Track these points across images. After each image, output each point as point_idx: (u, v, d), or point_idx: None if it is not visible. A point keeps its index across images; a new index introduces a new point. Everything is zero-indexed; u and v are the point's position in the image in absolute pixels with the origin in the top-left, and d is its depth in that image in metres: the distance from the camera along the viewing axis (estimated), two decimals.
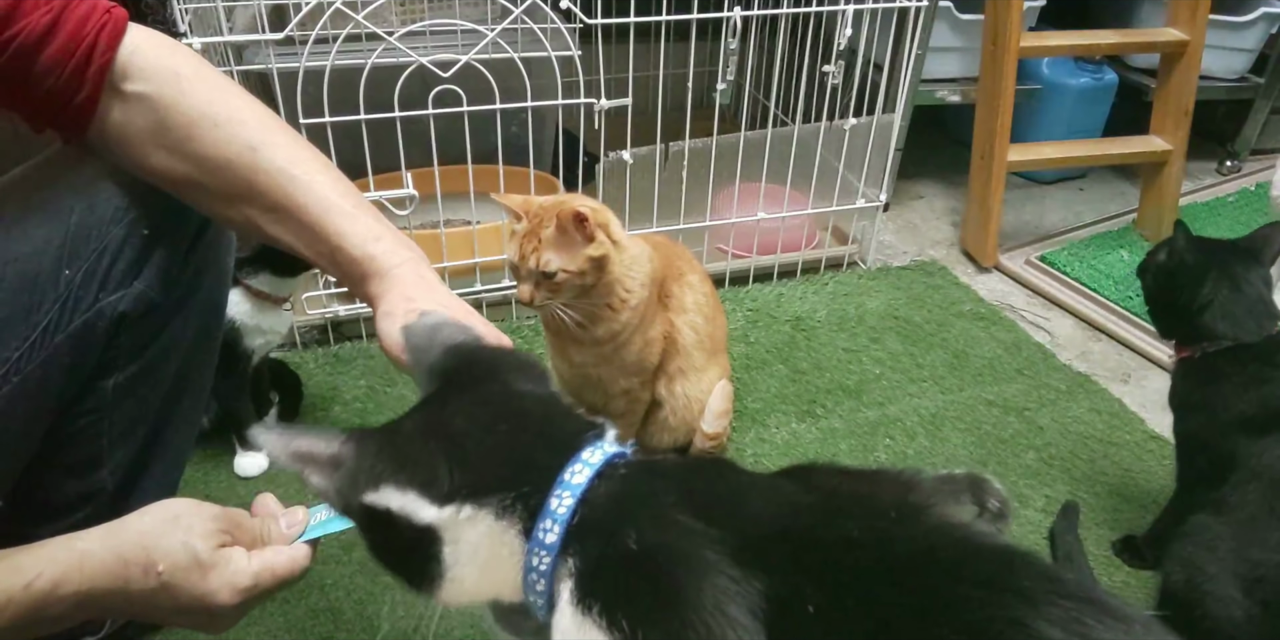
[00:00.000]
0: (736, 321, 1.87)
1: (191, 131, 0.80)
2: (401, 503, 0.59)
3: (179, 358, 0.98)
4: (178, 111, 0.80)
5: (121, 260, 0.87)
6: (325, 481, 0.62)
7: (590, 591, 0.55)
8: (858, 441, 1.57)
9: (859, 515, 0.57)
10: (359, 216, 0.82)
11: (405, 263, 0.82)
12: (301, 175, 0.81)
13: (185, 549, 0.70)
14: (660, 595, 0.53)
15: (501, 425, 0.61)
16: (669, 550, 0.54)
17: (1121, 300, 1.97)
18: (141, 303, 0.89)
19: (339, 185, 0.84)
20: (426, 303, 0.79)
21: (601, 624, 0.53)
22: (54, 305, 0.84)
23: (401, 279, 0.81)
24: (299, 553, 0.74)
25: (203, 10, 1.56)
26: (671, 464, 0.63)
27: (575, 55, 1.60)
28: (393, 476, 0.59)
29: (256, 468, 1.45)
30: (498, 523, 0.58)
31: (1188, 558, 1.14)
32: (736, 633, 0.50)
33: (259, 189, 0.81)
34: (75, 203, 0.84)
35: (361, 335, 1.76)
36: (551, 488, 0.58)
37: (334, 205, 0.82)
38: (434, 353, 0.69)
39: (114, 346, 0.91)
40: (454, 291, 1.75)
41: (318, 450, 0.62)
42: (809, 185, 1.93)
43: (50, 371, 0.85)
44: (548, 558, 0.57)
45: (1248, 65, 2.45)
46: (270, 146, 0.81)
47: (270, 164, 0.81)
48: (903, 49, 1.87)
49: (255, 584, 0.71)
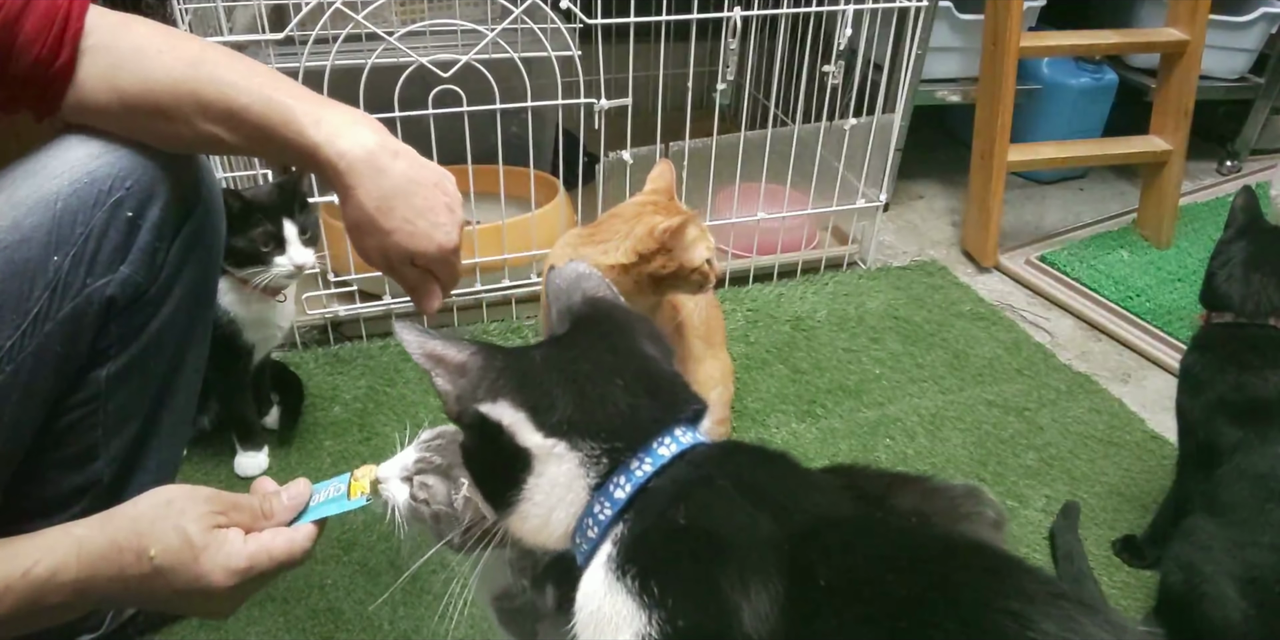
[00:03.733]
0: (736, 321, 1.87)
1: (141, 62, 0.84)
2: (513, 420, 0.61)
3: (172, 345, 0.98)
4: (123, 49, 0.84)
5: (107, 244, 0.88)
6: (449, 385, 0.64)
7: (629, 559, 0.57)
8: (858, 441, 1.57)
9: (886, 517, 0.61)
10: (295, 104, 0.85)
11: (349, 153, 0.85)
12: (240, 80, 0.85)
13: (177, 532, 0.70)
14: (694, 569, 0.55)
15: (618, 379, 0.62)
16: (712, 529, 0.56)
17: (1121, 300, 1.97)
18: (129, 287, 0.90)
19: (276, 80, 0.87)
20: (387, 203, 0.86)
21: (633, 589, 0.55)
22: (44, 292, 0.85)
23: (359, 174, 0.85)
24: (299, 534, 0.74)
25: (203, 10, 1.57)
26: (740, 452, 0.65)
27: (575, 55, 1.60)
28: (512, 394, 0.62)
29: (257, 467, 1.45)
30: (579, 468, 0.61)
31: (1184, 558, 1.15)
32: (750, 610, 0.52)
33: (205, 100, 0.84)
34: (60, 190, 0.86)
35: (362, 335, 1.76)
36: (638, 451, 0.60)
37: (272, 99, 0.85)
38: (574, 297, 0.71)
39: (105, 335, 0.91)
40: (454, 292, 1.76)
41: (449, 355, 0.64)
42: (809, 185, 1.93)
43: (43, 360, 0.86)
44: (610, 510, 0.60)
45: (1248, 65, 2.45)
46: (210, 63, 0.85)
47: (211, 74, 0.84)
48: (903, 49, 1.87)
49: (251, 566, 0.71)
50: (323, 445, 1.51)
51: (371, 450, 1.50)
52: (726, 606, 0.52)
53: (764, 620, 0.52)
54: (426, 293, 0.95)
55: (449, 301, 1.75)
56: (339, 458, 1.49)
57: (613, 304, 0.71)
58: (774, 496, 0.58)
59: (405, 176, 0.87)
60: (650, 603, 0.54)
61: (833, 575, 0.53)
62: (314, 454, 1.47)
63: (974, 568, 0.54)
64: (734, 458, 0.62)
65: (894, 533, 0.59)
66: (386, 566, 1.29)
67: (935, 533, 0.63)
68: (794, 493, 0.59)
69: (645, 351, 0.66)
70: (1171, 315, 1.92)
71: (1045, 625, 0.48)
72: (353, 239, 0.91)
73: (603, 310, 0.70)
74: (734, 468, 0.60)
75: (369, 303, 1.75)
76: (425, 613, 1.23)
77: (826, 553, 0.54)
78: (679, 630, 0.53)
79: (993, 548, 0.60)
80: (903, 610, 0.51)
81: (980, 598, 0.51)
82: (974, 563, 0.55)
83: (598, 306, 0.70)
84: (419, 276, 0.93)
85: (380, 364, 1.70)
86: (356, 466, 1.52)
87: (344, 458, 1.49)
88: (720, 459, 0.61)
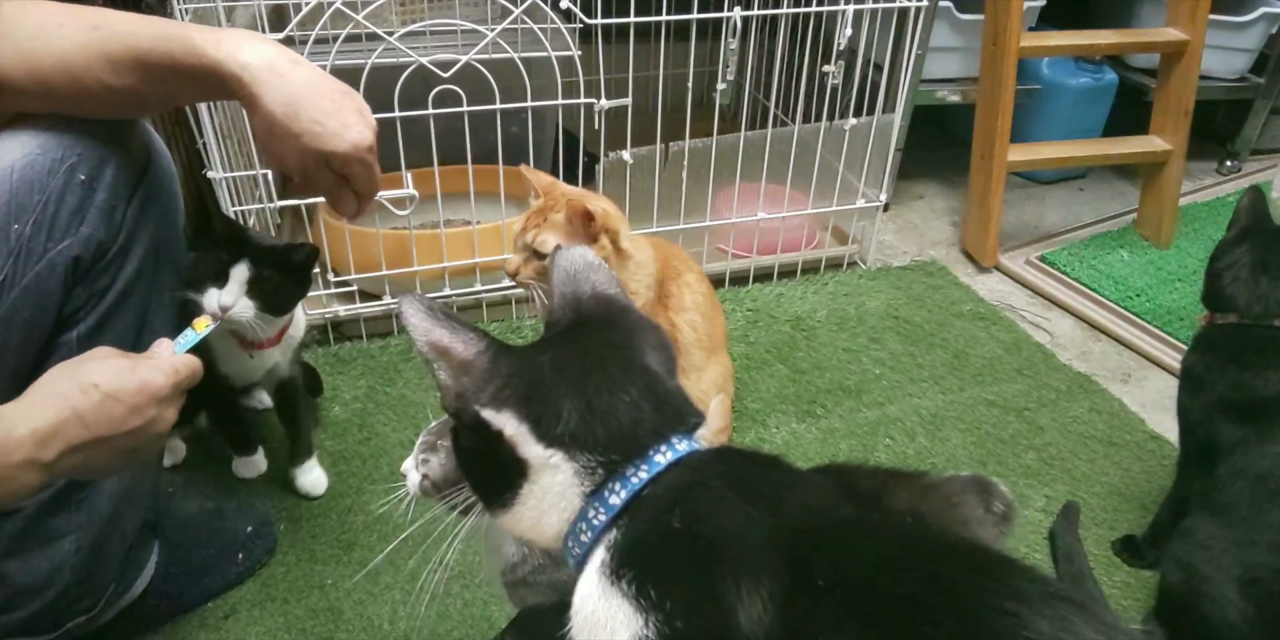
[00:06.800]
0: (736, 321, 1.87)
1: (47, 39, 0.87)
2: (515, 431, 0.61)
3: (139, 303, 1.00)
4: (27, 31, 0.88)
5: (65, 208, 0.91)
6: (451, 381, 0.64)
7: (624, 563, 0.57)
8: (858, 441, 1.57)
9: (881, 517, 0.61)
10: (194, 34, 0.88)
11: (251, 63, 0.87)
12: (139, 29, 0.89)
13: (107, 363, 0.80)
14: (690, 571, 0.55)
15: (624, 394, 0.62)
16: (708, 532, 0.56)
17: (1121, 300, 1.97)
18: (91, 244, 0.93)
19: (173, 23, 0.92)
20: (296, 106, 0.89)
21: (629, 592, 0.55)
22: (7, 260, 0.88)
23: (262, 82, 0.88)
24: (188, 356, 0.87)
25: (203, 10, 1.56)
26: (734, 456, 0.65)
27: (575, 55, 1.60)
28: (518, 405, 0.61)
29: (254, 469, 1.45)
30: (574, 477, 0.61)
31: (1184, 559, 1.15)
32: (746, 611, 0.52)
33: (113, 56, 0.87)
34: (14, 163, 0.89)
35: (362, 335, 1.76)
36: (635, 460, 0.60)
37: (171, 35, 0.88)
38: (581, 288, 0.71)
39: (72, 298, 0.94)
40: (454, 292, 1.75)
41: (455, 350, 0.63)
42: (809, 185, 1.93)
43: (11, 328, 0.89)
44: (604, 515, 0.60)
45: (1248, 65, 2.45)
46: (109, 23, 0.89)
47: (113, 32, 0.88)
48: (903, 49, 1.87)
49: (176, 369, 0.82)
50: (323, 445, 1.51)
51: (371, 450, 1.50)
52: (723, 608, 0.52)
53: (761, 621, 0.52)
54: (342, 197, 0.97)
55: (449, 301, 1.76)
56: (339, 458, 1.49)
57: (622, 307, 0.70)
58: (769, 498, 0.58)
59: (307, 81, 0.90)
60: (647, 605, 0.54)
61: (829, 576, 0.53)
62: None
63: (969, 567, 0.54)
64: (728, 462, 0.62)
65: (889, 533, 0.59)
66: (386, 566, 1.29)
67: (930, 533, 0.62)
68: (789, 494, 0.59)
69: (650, 366, 0.65)
70: (1171, 315, 1.92)
71: (1039, 625, 0.48)
72: (266, 147, 0.93)
73: (612, 314, 0.69)
74: (728, 471, 0.60)
75: (369, 303, 1.75)
76: (425, 613, 1.23)
77: (822, 554, 0.54)
78: (676, 632, 0.53)
79: (988, 548, 0.60)
80: (899, 610, 0.51)
81: (975, 597, 0.51)
82: (969, 562, 0.55)
83: (608, 308, 0.70)
84: (335, 180, 0.95)
85: (380, 364, 1.70)
86: (356, 467, 1.53)
87: (344, 458, 1.49)
88: (715, 463, 0.61)
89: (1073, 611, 0.50)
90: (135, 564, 1.16)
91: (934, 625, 0.49)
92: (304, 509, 1.39)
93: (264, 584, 1.27)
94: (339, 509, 1.39)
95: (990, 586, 0.51)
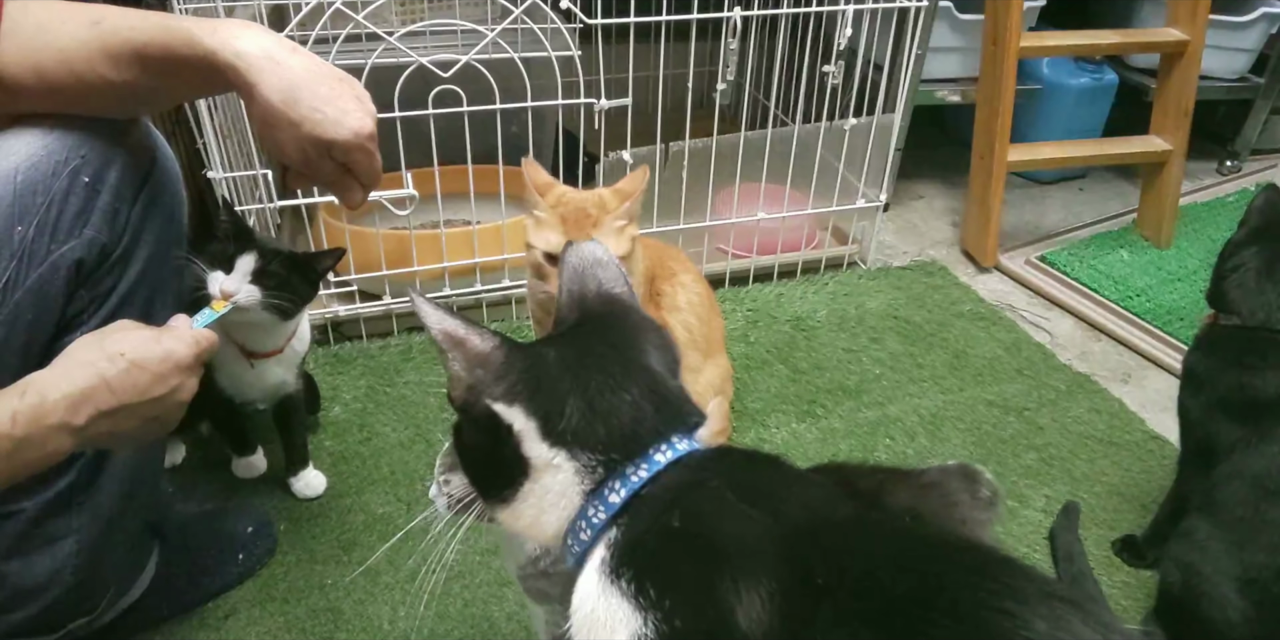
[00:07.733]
0: (736, 321, 1.87)
1: (49, 36, 0.88)
2: (523, 426, 0.61)
3: (142, 306, 1.00)
4: (29, 29, 0.88)
5: (69, 210, 0.91)
6: (465, 373, 0.64)
7: (624, 561, 0.57)
8: (858, 441, 1.57)
9: (880, 516, 0.62)
10: (190, 25, 0.88)
11: (247, 52, 0.87)
12: (138, 22, 0.89)
13: (133, 334, 0.83)
14: (689, 570, 0.55)
15: (626, 394, 0.62)
16: (707, 531, 0.57)
17: (1121, 300, 1.97)
18: (94, 247, 0.93)
19: (171, 16, 0.92)
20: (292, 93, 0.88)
21: (628, 591, 0.56)
22: (10, 262, 0.88)
23: (259, 70, 0.87)
24: (206, 330, 0.91)
25: (202, 10, 1.56)
26: (733, 455, 0.65)
27: (575, 55, 1.60)
28: (528, 400, 0.62)
29: (254, 470, 1.45)
30: (574, 476, 0.61)
31: (1183, 559, 1.15)
32: (745, 610, 0.52)
33: (113, 51, 0.88)
34: (19, 164, 0.89)
35: (362, 335, 1.76)
36: (635, 459, 0.60)
37: (169, 27, 0.88)
38: (588, 284, 0.71)
39: (75, 301, 0.94)
40: (454, 292, 1.74)
41: (472, 342, 0.63)
42: (809, 185, 1.93)
43: (14, 330, 0.89)
44: (603, 514, 0.60)
45: (1248, 65, 2.45)
46: (108, 18, 0.89)
47: (112, 26, 0.88)
48: (903, 49, 1.87)
49: (197, 341, 0.86)
50: (323, 445, 1.51)
51: (371, 450, 1.50)
52: (723, 607, 0.52)
53: (759, 620, 0.52)
54: (346, 186, 0.97)
55: (449, 301, 1.76)
56: (339, 458, 1.49)
57: (627, 307, 0.71)
58: (768, 498, 0.58)
59: (305, 69, 0.89)
60: (646, 604, 0.54)
61: (828, 575, 0.53)
62: (313, 454, 1.46)
63: (968, 567, 0.54)
64: (728, 461, 0.63)
65: (888, 532, 0.59)
66: (386, 566, 1.29)
67: (929, 532, 0.63)
68: (788, 494, 0.60)
69: (654, 366, 0.66)
70: (1171, 315, 1.92)
71: (1037, 624, 0.49)
72: (265, 137, 0.92)
73: (618, 313, 0.70)
74: (728, 471, 0.61)
75: (369, 303, 1.75)
76: (425, 612, 1.23)
77: (821, 553, 0.54)
78: (675, 630, 0.53)
79: (987, 547, 0.60)
80: (898, 609, 0.51)
81: (974, 597, 0.51)
82: (968, 562, 0.55)
83: (613, 308, 0.70)
84: (337, 170, 0.95)
85: (380, 364, 1.70)
86: (356, 467, 1.53)
87: (344, 458, 1.49)
88: (715, 463, 0.62)
89: (1071, 611, 0.50)
90: (136, 565, 1.16)
91: (932, 624, 0.50)
92: (304, 509, 1.40)
93: (264, 584, 1.27)
94: (339, 509, 1.39)
95: (988, 586, 0.51)
